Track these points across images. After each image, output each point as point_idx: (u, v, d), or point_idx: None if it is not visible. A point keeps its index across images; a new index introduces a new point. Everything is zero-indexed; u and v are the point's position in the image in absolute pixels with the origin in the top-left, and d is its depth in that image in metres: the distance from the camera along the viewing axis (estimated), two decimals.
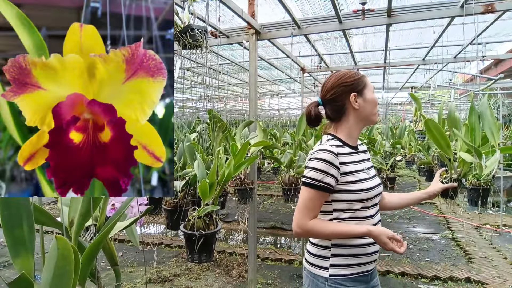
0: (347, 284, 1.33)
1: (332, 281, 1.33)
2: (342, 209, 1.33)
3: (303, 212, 1.29)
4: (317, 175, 1.27)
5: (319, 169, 1.27)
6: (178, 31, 1.77)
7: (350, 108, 1.37)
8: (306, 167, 1.32)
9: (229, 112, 11.76)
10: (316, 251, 1.38)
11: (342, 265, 1.34)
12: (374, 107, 1.40)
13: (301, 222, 1.28)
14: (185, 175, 2.54)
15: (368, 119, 1.41)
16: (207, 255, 1.85)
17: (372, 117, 1.41)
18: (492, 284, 3.58)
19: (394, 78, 7.67)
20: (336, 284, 1.33)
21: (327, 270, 1.34)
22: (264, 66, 6.06)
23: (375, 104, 1.40)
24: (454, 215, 6.25)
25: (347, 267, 1.34)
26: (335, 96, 1.37)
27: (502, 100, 5.17)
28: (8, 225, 0.76)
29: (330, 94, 1.38)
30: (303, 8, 3.44)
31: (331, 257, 1.34)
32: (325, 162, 1.28)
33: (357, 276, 1.35)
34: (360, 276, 1.35)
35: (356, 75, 1.40)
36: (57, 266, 0.68)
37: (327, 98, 1.40)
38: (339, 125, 1.41)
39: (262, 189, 8.65)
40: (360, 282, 1.35)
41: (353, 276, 1.34)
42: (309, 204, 1.29)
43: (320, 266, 1.36)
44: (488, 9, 2.60)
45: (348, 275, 1.33)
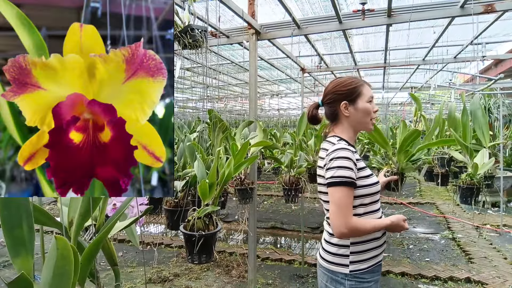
0: (365, 277, 1.42)
1: (352, 276, 1.41)
2: (355, 205, 1.40)
3: (344, 212, 1.31)
4: (345, 172, 1.32)
5: (345, 166, 1.33)
6: (178, 31, 1.77)
7: (342, 114, 1.48)
8: (330, 168, 1.35)
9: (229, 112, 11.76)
10: (336, 250, 1.44)
11: (361, 261, 1.42)
12: (366, 116, 1.47)
13: (346, 221, 1.31)
14: (185, 175, 2.54)
15: (360, 126, 1.50)
16: (207, 256, 1.85)
17: (365, 125, 1.49)
18: (492, 284, 3.58)
19: (394, 78, 7.67)
20: (356, 278, 1.41)
21: (347, 267, 1.41)
22: (264, 66, 6.06)
23: (367, 113, 1.47)
24: (454, 215, 6.25)
25: (365, 261, 1.42)
26: (330, 101, 1.50)
27: (502, 100, 5.16)
28: (8, 225, 0.76)
29: (327, 99, 1.51)
30: (303, 8, 3.44)
31: (351, 255, 1.41)
32: (347, 159, 1.34)
33: (374, 267, 1.44)
34: (376, 266, 1.45)
35: (352, 84, 1.47)
36: (56, 266, 0.68)
37: (324, 101, 1.53)
38: (336, 127, 1.52)
39: (262, 189, 8.65)
40: (376, 272, 1.46)
41: (370, 268, 1.43)
42: (347, 202, 1.32)
43: (341, 264, 1.42)
44: (488, 9, 2.60)
45: (366, 268, 1.42)
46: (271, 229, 5.87)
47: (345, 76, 1.56)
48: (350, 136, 1.50)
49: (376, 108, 1.50)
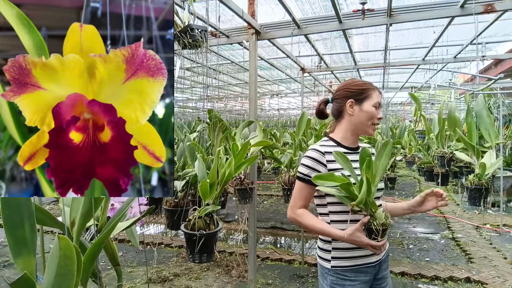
0: (348, 275, 1.43)
1: (334, 272, 1.44)
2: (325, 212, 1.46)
3: (294, 201, 1.48)
4: (304, 170, 1.45)
5: (306, 165, 1.45)
6: (178, 31, 1.77)
7: (346, 112, 1.50)
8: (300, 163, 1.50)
9: (229, 112, 11.76)
10: (322, 244, 1.50)
11: (343, 258, 1.43)
12: (369, 119, 1.48)
13: (292, 209, 1.48)
14: (185, 175, 2.54)
15: (361, 128, 1.50)
16: (207, 255, 1.85)
17: (366, 128, 1.50)
18: (492, 284, 3.58)
19: (394, 78, 7.67)
20: (337, 274, 1.43)
21: (329, 262, 1.45)
22: (264, 66, 6.06)
23: (370, 116, 1.47)
24: (454, 215, 6.26)
25: (348, 259, 1.43)
26: (338, 97, 1.52)
27: (502, 100, 5.17)
28: (10, 225, 0.76)
29: (336, 95, 1.54)
30: (303, 8, 3.44)
31: (332, 250, 1.45)
32: (309, 158, 1.45)
33: (360, 267, 1.43)
34: (364, 267, 1.44)
35: (363, 85, 1.50)
36: (59, 266, 0.68)
37: (334, 97, 1.56)
38: (338, 124, 1.55)
39: (262, 189, 8.65)
40: (364, 273, 1.44)
41: (355, 267, 1.43)
42: (298, 194, 1.47)
43: (324, 258, 1.48)
44: (488, 9, 2.60)
45: (349, 266, 1.43)
46: (271, 229, 5.86)
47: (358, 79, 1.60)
48: (346, 137, 1.51)
49: (381, 116, 1.50)
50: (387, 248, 1.51)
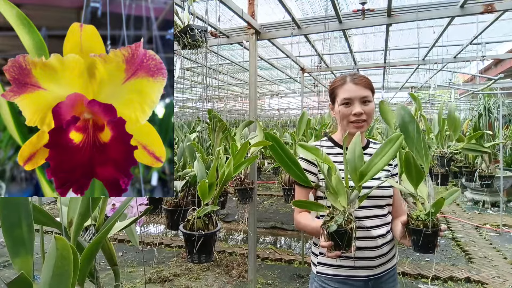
0: (331, 284, 1.33)
1: (318, 278, 1.37)
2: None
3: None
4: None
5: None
6: (178, 31, 1.77)
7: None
8: None
9: (229, 112, 11.75)
10: (313, 247, 1.46)
11: (327, 265, 1.36)
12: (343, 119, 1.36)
13: (295, 211, 1.44)
14: (185, 175, 2.54)
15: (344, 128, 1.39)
16: (206, 255, 1.85)
17: (345, 127, 1.37)
18: (492, 284, 3.58)
19: (394, 78, 7.67)
20: (320, 281, 1.36)
21: (315, 267, 1.40)
22: (264, 66, 6.06)
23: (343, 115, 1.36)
24: (454, 215, 6.25)
25: (332, 267, 1.34)
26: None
27: (502, 100, 5.17)
28: (7, 225, 0.76)
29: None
30: (303, 8, 3.44)
31: (319, 255, 1.39)
32: (304, 160, 1.41)
33: (345, 279, 1.32)
34: (350, 279, 1.32)
35: (332, 84, 1.42)
36: (56, 266, 0.68)
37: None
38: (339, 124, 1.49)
39: (262, 189, 8.64)
40: (349, 285, 1.32)
41: (340, 278, 1.32)
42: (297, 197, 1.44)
43: (313, 262, 1.44)
44: (488, 9, 2.60)
45: (333, 275, 1.33)
46: (271, 229, 5.86)
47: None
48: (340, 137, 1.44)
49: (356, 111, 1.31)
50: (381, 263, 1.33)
